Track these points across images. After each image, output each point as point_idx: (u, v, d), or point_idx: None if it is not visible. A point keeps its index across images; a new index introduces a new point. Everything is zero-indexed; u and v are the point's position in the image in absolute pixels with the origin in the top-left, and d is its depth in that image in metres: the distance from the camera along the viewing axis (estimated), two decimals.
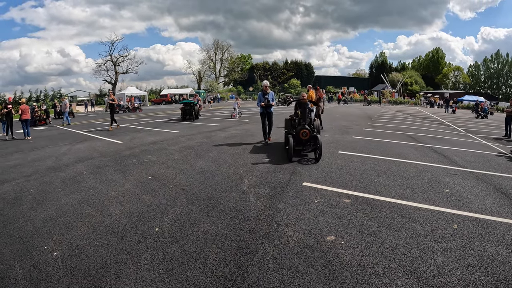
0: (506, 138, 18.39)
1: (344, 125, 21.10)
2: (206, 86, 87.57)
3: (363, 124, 22.13)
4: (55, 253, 4.64)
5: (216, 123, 22.62)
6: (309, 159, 10.31)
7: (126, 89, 63.10)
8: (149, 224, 5.52)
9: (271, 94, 12.86)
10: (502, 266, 4.25)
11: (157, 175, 8.64)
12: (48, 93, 72.82)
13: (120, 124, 21.60)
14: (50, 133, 20.40)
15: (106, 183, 8.05)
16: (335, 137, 15.09)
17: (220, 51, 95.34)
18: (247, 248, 4.65)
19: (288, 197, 6.77)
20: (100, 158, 11.02)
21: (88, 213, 6.11)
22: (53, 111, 37.05)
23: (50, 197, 7.10)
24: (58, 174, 9.03)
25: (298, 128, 10.42)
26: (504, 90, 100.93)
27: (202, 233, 5.13)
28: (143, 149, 12.48)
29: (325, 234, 5.12)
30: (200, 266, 4.17)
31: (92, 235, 5.16)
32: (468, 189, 7.50)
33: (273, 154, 11.09)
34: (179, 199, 6.72)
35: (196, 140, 14.52)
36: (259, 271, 4.07)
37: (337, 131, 17.35)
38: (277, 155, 11.05)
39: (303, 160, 10.06)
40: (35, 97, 68.01)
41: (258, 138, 14.78)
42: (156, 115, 32.88)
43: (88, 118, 33.18)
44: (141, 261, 4.33)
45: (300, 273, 4.02)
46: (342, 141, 13.98)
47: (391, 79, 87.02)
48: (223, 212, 6.01)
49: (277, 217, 5.77)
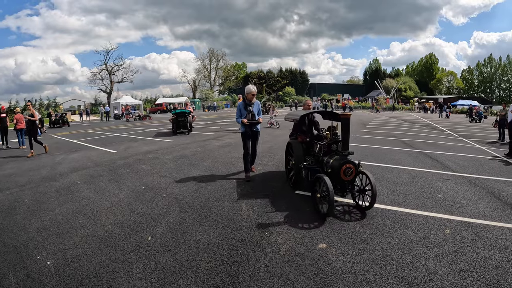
0: (500, 141, 18.44)
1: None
2: (201, 95, 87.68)
3: (357, 130, 22.14)
4: (49, 262, 4.64)
5: (210, 132, 22.65)
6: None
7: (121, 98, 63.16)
8: (142, 233, 5.53)
9: (257, 105, 9.19)
10: (495, 270, 4.26)
11: (150, 184, 8.66)
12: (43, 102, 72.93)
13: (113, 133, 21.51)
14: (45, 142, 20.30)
15: (99, 192, 8.06)
16: None
17: (215, 59, 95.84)
18: (238, 257, 4.66)
19: (280, 206, 6.80)
20: (94, 168, 11.01)
21: (82, 222, 6.11)
22: (48, 120, 37.08)
23: (44, 207, 7.10)
24: (52, 184, 9.03)
25: (332, 161, 6.55)
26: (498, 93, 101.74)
27: (194, 242, 5.14)
28: (137, 159, 12.48)
29: (316, 241, 5.13)
30: (191, 275, 4.18)
31: (85, 245, 5.16)
32: (461, 194, 7.54)
33: (266, 163, 11.10)
34: (172, 209, 6.73)
35: (190, 149, 14.52)
36: (250, 280, 4.08)
37: None
38: (271, 163, 11.06)
39: None
40: None
41: None
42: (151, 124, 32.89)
43: (83, 127, 33.11)
44: (133, 270, 4.33)
45: (290, 281, 4.03)
46: None
47: (385, 86, 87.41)
48: (215, 221, 6.02)
49: (269, 225, 5.79)
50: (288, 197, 7.37)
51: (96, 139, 20.70)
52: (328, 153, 7.00)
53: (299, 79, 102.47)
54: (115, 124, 35.96)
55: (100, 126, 33.11)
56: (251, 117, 8.97)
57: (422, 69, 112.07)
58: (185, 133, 21.73)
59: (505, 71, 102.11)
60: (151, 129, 26.60)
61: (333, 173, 6.43)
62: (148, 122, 36.16)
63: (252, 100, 9.12)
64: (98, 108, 56.07)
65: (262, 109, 10.80)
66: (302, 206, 6.79)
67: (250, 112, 8.99)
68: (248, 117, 8.93)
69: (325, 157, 6.97)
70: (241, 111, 9.08)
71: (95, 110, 64.43)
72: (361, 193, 6.59)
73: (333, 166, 6.46)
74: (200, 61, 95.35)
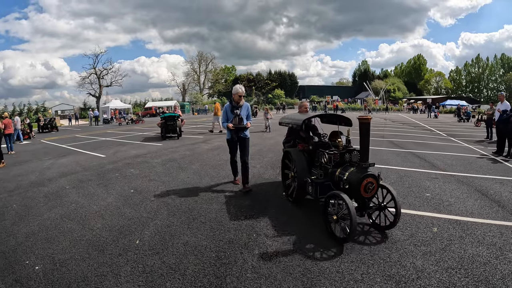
0: (488, 140, 18.58)
1: None
2: (190, 98, 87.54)
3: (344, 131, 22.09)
4: (37, 267, 4.63)
5: (200, 135, 22.63)
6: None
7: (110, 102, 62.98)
8: (130, 237, 5.52)
9: (246, 108, 8.30)
10: (483, 267, 4.31)
11: (139, 188, 8.64)
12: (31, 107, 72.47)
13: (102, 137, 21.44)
14: (34, 147, 20.29)
15: (88, 197, 8.03)
16: None
17: (204, 62, 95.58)
18: (226, 259, 4.68)
19: (268, 207, 6.82)
20: (83, 173, 10.97)
21: (70, 227, 6.08)
22: (36, 125, 36.88)
23: (33, 212, 7.06)
24: (41, 189, 8.98)
25: (349, 175, 5.52)
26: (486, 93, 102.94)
27: (182, 245, 5.15)
28: (126, 163, 12.45)
29: (304, 242, 5.17)
30: (179, 278, 4.19)
31: (74, 249, 5.15)
32: (449, 192, 7.61)
33: (255, 165, 11.11)
34: (160, 212, 6.73)
35: (179, 153, 14.50)
36: (237, 281, 4.09)
37: None
38: (260, 165, 11.11)
39: None
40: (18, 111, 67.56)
41: None
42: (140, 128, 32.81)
43: (72, 132, 32.95)
44: (121, 274, 4.33)
45: (278, 282, 4.06)
46: None
47: (374, 87, 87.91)
48: (203, 223, 6.03)
49: (257, 227, 5.81)
50: (276, 199, 7.39)
51: (85, 143, 20.60)
52: (340, 164, 5.95)
53: (288, 81, 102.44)
54: (104, 129, 35.82)
55: (89, 131, 32.98)
56: (238, 122, 7.97)
57: (410, 70, 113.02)
58: (175, 137, 20.90)
59: (492, 71, 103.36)
60: (140, 133, 26.54)
61: (351, 189, 5.39)
62: (138, 126, 36.07)
63: (239, 102, 8.07)
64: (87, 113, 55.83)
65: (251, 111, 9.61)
66: (290, 207, 6.82)
67: (237, 115, 7.98)
68: (235, 121, 7.94)
69: (336, 169, 5.92)
70: (227, 114, 8.09)
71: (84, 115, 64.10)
72: (381, 210, 5.70)
73: (352, 180, 5.40)
74: (189, 64, 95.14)
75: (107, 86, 76.79)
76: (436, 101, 70.55)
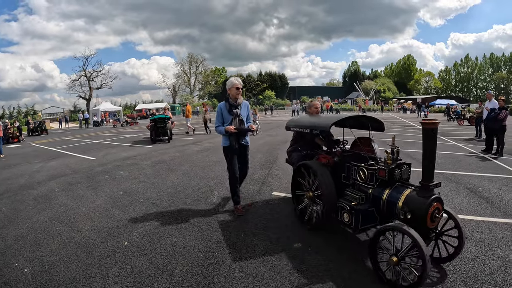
0: (477, 138, 18.71)
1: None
2: (181, 100, 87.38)
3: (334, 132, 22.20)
4: (26, 269, 4.65)
5: (190, 137, 22.63)
6: None
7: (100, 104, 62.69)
8: (119, 238, 5.55)
9: (246, 107, 6.71)
10: (471, 263, 4.40)
11: (128, 190, 8.65)
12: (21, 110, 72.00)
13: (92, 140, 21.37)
14: (23, 150, 20.17)
15: (77, 199, 8.03)
16: None
17: (194, 64, 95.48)
18: (214, 259, 4.72)
19: (257, 208, 6.87)
20: (72, 175, 10.95)
21: (59, 229, 6.10)
22: (26, 128, 36.65)
23: (22, 215, 7.06)
24: (30, 192, 8.96)
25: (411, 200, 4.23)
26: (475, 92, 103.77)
27: (170, 246, 5.19)
28: (116, 165, 12.44)
29: (292, 241, 5.22)
30: (167, 278, 4.23)
31: (62, 251, 5.17)
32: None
33: None
34: (149, 213, 6.76)
35: (168, 155, 14.50)
36: (225, 280, 4.14)
37: None
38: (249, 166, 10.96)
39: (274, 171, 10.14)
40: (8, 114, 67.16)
41: None
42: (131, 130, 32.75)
43: (62, 135, 32.82)
44: (110, 275, 4.36)
45: (265, 281, 4.10)
46: None
47: (364, 87, 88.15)
48: (192, 224, 6.07)
49: (245, 227, 5.86)
50: (264, 199, 7.45)
51: (75, 146, 20.54)
52: (386, 183, 4.58)
53: (279, 82, 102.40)
54: (94, 131, 35.70)
55: (79, 133, 32.82)
56: (239, 124, 6.37)
57: (400, 70, 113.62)
58: (165, 141, 19.92)
59: (481, 70, 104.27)
60: (130, 135, 26.46)
61: (413, 219, 4.07)
62: (128, 129, 35.98)
63: (237, 98, 6.44)
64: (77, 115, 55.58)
65: None
66: (278, 207, 6.87)
67: (237, 116, 6.37)
68: (235, 123, 6.33)
69: (381, 190, 4.58)
70: (223, 115, 6.42)
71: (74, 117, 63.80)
72: (438, 237, 4.55)
73: (413, 207, 4.11)
74: (179, 66, 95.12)
75: (97, 88, 76.50)
76: (426, 101, 71.07)
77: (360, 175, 4.85)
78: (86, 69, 74.74)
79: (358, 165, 4.94)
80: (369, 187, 4.73)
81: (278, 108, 79.53)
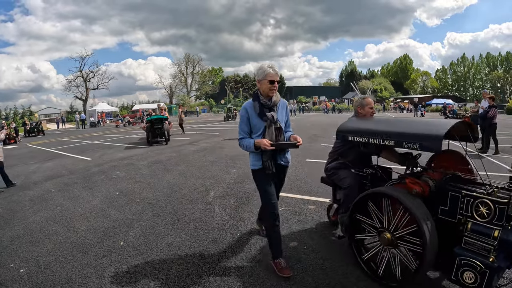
0: None
1: (314, 133, 21.42)
2: (178, 100, 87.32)
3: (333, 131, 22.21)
4: (22, 270, 4.65)
5: (186, 137, 22.64)
6: None
7: (97, 105, 62.63)
8: (115, 238, 5.56)
9: (285, 108, 4.52)
10: None
11: (124, 190, 8.65)
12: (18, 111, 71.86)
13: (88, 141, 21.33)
14: (19, 151, 20.16)
15: (73, 200, 8.03)
16: (304, 145, 15.22)
17: (191, 64, 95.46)
18: (209, 258, 4.72)
19: (253, 207, 6.83)
20: (68, 176, 10.95)
21: (55, 230, 6.10)
22: (23, 129, 36.61)
23: (18, 216, 7.06)
24: (26, 193, 8.97)
25: None
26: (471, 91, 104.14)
27: (166, 245, 5.19)
28: (112, 165, 12.44)
29: (288, 241, 5.20)
30: (162, 277, 4.24)
31: (58, 252, 5.18)
32: None
33: (241, 165, 11.15)
34: (145, 213, 6.76)
35: (165, 155, 14.52)
36: (221, 280, 4.14)
37: (306, 140, 17.44)
38: (246, 166, 11.00)
39: None
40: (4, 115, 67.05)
41: (227, 150, 14.91)
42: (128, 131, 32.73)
43: (59, 135, 32.77)
44: (105, 275, 4.37)
45: (261, 280, 4.10)
46: (310, 149, 14.23)
47: (361, 87, 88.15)
48: (187, 224, 6.07)
49: (241, 226, 5.85)
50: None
51: (71, 147, 20.54)
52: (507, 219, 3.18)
53: None
54: (91, 132, 35.66)
55: (76, 134, 32.80)
56: (276, 134, 4.20)
57: (397, 70, 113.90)
58: (162, 143, 18.89)
59: (478, 69, 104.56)
60: (127, 135, 26.43)
61: None
62: (125, 129, 36.00)
63: (271, 95, 4.22)
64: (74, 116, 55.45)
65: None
66: None
67: (273, 122, 4.19)
68: (270, 133, 4.16)
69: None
70: (250, 121, 4.26)
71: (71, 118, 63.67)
72: None
73: None
74: (176, 66, 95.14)
75: (94, 89, 76.42)
76: (423, 100, 71.26)
77: (480, 210, 3.26)
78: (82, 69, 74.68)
79: (475, 195, 3.32)
80: (495, 228, 3.15)
81: None
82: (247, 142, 4.12)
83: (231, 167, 10.73)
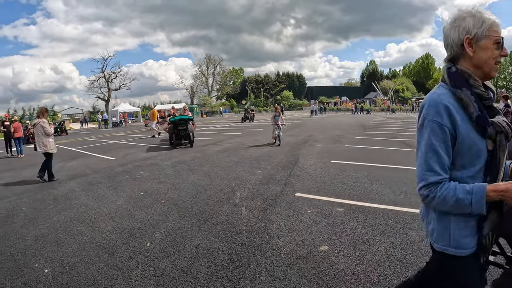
0: None
1: (337, 134, 21.21)
2: (199, 101, 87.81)
3: (356, 132, 22.14)
4: (46, 270, 4.58)
5: (209, 137, 22.58)
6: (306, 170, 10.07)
7: (119, 105, 63.25)
8: (141, 239, 5.46)
9: None
10: None
11: (149, 190, 8.57)
12: None
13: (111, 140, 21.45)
14: None
15: (98, 199, 7.98)
16: (328, 146, 15.10)
17: (212, 65, 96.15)
18: (239, 261, 4.58)
19: (280, 209, 6.69)
20: (92, 175, 10.95)
21: (80, 230, 6.04)
22: None
23: (42, 215, 7.03)
24: (50, 192, 8.97)
25: None
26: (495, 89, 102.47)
27: (194, 248, 5.06)
28: (136, 165, 12.43)
29: (318, 244, 5.05)
30: (191, 281, 4.10)
31: (83, 252, 5.09)
32: None
33: (266, 166, 11.00)
34: (171, 214, 6.65)
35: (188, 155, 14.47)
36: (251, 284, 3.99)
37: (329, 141, 17.40)
38: (270, 167, 10.95)
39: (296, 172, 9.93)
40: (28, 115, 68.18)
41: (252, 151, 14.80)
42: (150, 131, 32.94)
43: (82, 135, 33.12)
44: (132, 277, 4.26)
45: (293, 285, 3.95)
46: (335, 150, 14.01)
47: (383, 87, 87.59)
48: (215, 225, 5.94)
49: (269, 228, 5.70)
50: (288, 200, 7.23)
51: (94, 146, 20.72)
52: None
53: (297, 82, 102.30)
54: (113, 132, 35.98)
55: (99, 134, 33.13)
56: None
57: (419, 70, 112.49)
58: (187, 145, 17.58)
59: (502, 69, 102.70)
60: (149, 136, 26.51)
61: None
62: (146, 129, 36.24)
63: (494, 76, 2.04)
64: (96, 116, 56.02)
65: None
66: (302, 208, 6.67)
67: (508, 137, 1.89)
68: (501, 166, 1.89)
69: None
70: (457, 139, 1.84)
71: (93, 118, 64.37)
72: None
73: None
74: (197, 67, 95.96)
75: (116, 89, 77.21)
76: None
77: None
78: (104, 70, 75.51)
79: None
80: None
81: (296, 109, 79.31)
82: (464, 192, 1.77)
83: (256, 168, 10.60)
